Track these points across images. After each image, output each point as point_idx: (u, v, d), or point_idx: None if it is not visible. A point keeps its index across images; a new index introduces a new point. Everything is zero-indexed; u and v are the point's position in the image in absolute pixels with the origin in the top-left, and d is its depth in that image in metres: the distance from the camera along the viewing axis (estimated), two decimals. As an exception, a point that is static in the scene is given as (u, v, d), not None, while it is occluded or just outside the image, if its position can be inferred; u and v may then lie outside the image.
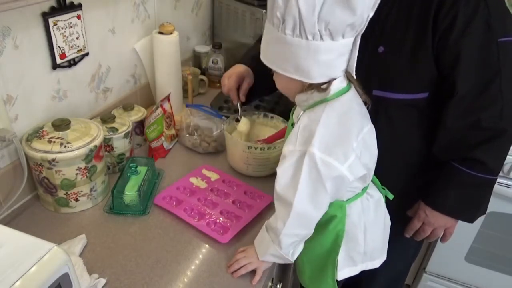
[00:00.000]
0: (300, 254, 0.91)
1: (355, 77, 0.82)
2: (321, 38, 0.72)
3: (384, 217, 0.99)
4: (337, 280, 0.95)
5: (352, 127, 0.80)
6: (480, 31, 0.85)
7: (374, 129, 0.89)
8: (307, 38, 0.72)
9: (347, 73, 0.82)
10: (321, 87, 0.80)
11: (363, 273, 0.99)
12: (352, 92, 0.83)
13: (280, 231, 0.83)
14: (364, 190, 0.92)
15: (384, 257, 1.01)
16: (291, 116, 0.96)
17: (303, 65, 0.76)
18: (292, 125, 0.90)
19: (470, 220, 1.02)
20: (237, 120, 1.24)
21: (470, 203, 1.01)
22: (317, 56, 0.74)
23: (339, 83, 0.80)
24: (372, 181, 0.95)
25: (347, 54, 0.78)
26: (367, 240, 0.93)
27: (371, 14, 0.73)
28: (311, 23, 0.70)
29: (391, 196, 0.98)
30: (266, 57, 0.81)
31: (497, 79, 0.87)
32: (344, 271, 0.95)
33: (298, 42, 0.73)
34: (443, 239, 1.10)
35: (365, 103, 0.87)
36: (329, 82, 0.79)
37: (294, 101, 0.87)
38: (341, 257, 0.92)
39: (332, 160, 0.77)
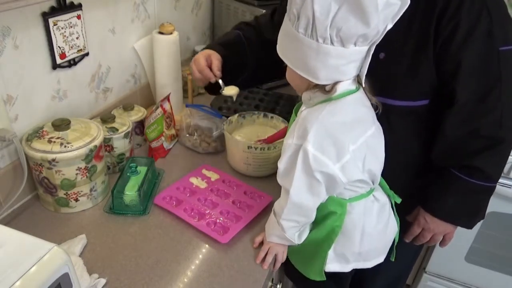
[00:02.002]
0: None
1: (363, 85, 0.83)
2: (332, 43, 0.72)
3: (387, 222, 0.98)
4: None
5: (350, 128, 0.81)
6: (482, 39, 0.85)
7: (380, 132, 0.90)
8: (317, 41, 0.73)
9: (358, 78, 0.82)
10: (325, 89, 0.80)
11: (365, 271, 1.00)
12: (360, 94, 0.84)
13: (280, 216, 0.87)
14: (369, 192, 0.92)
15: (381, 260, 1.01)
16: (293, 112, 0.96)
17: (311, 65, 0.77)
18: None
19: (469, 226, 1.03)
20: (219, 91, 1.19)
21: (469, 210, 1.01)
22: (326, 59, 0.75)
23: (347, 86, 0.81)
24: (380, 184, 0.96)
25: (359, 61, 0.78)
26: (364, 242, 0.94)
27: (390, 26, 0.73)
28: (323, 27, 0.71)
29: (398, 200, 0.98)
30: (280, 48, 0.83)
31: (497, 87, 0.87)
32: (334, 266, 0.96)
33: (309, 42, 0.74)
34: (442, 244, 1.11)
35: (376, 107, 0.88)
36: (334, 84, 0.80)
37: (300, 95, 0.88)
38: (332, 251, 0.94)
39: (325, 158, 0.79)
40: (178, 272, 0.89)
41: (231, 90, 1.19)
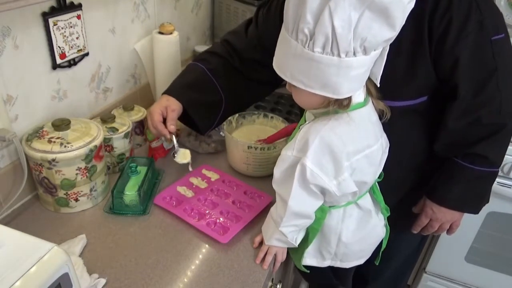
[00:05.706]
0: None
1: (378, 84, 0.81)
2: (354, 54, 0.69)
3: (370, 229, 0.97)
4: None
5: (351, 147, 0.80)
6: (475, 32, 0.85)
7: (385, 147, 0.90)
8: (339, 56, 0.68)
9: (367, 82, 0.81)
10: (342, 104, 0.78)
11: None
12: (367, 109, 0.83)
13: (279, 224, 0.87)
14: (349, 203, 0.92)
15: (360, 262, 1.02)
16: (303, 117, 0.95)
17: (331, 82, 0.72)
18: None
19: (476, 211, 1.05)
20: (174, 155, 1.11)
21: (475, 196, 1.04)
22: (348, 72, 0.71)
23: (356, 98, 0.80)
24: (374, 193, 0.96)
25: (373, 63, 0.76)
26: (340, 245, 0.95)
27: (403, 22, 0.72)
28: (346, 41, 0.66)
29: (386, 213, 0.99)
30: (284, 71, 0.76)
31: (493, 76, 0.88)
32: (311, 260, 0.99)
33: (329, 60, 0.69)
34: (450, 231, 1.13)
35: (384, 113, 0.88)
36: (349, 98, 0.78)
37: (310, 110, 0.87)
38: (311, 249, 0.96)
39: (323, 175, 0.80)
40: (178, 272, 0.89)
41: (183, 158, 1.10)
